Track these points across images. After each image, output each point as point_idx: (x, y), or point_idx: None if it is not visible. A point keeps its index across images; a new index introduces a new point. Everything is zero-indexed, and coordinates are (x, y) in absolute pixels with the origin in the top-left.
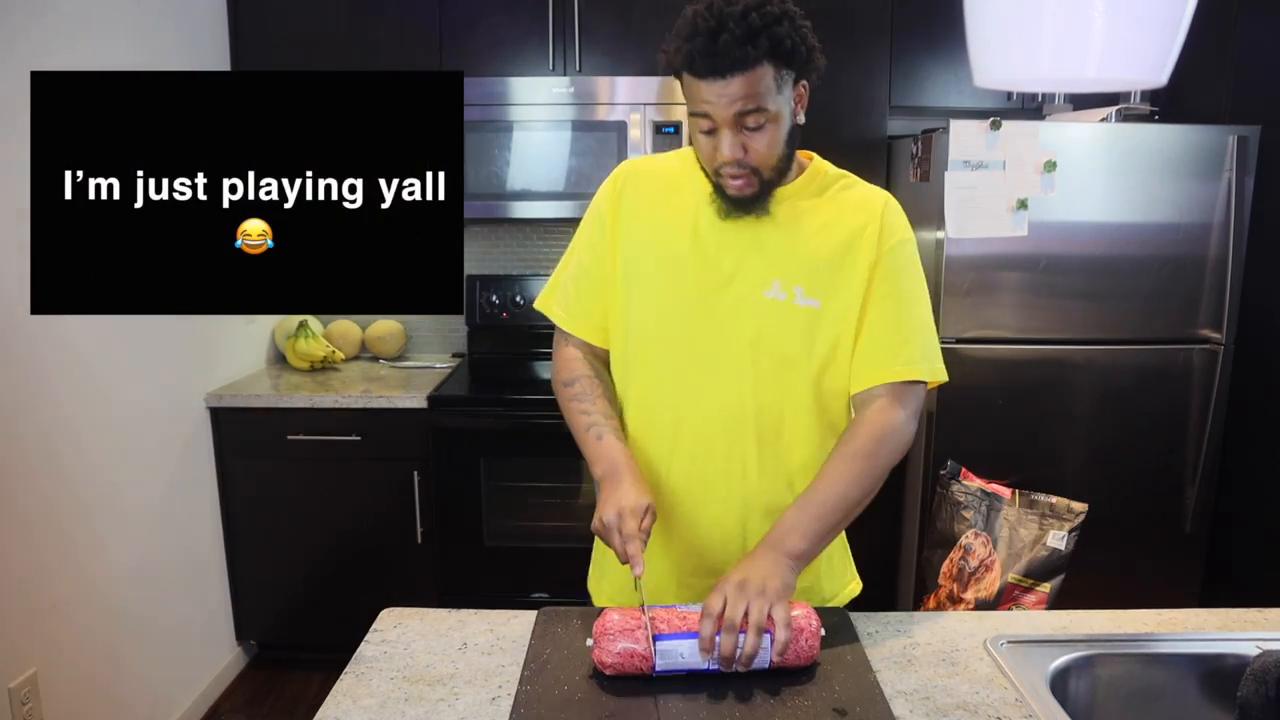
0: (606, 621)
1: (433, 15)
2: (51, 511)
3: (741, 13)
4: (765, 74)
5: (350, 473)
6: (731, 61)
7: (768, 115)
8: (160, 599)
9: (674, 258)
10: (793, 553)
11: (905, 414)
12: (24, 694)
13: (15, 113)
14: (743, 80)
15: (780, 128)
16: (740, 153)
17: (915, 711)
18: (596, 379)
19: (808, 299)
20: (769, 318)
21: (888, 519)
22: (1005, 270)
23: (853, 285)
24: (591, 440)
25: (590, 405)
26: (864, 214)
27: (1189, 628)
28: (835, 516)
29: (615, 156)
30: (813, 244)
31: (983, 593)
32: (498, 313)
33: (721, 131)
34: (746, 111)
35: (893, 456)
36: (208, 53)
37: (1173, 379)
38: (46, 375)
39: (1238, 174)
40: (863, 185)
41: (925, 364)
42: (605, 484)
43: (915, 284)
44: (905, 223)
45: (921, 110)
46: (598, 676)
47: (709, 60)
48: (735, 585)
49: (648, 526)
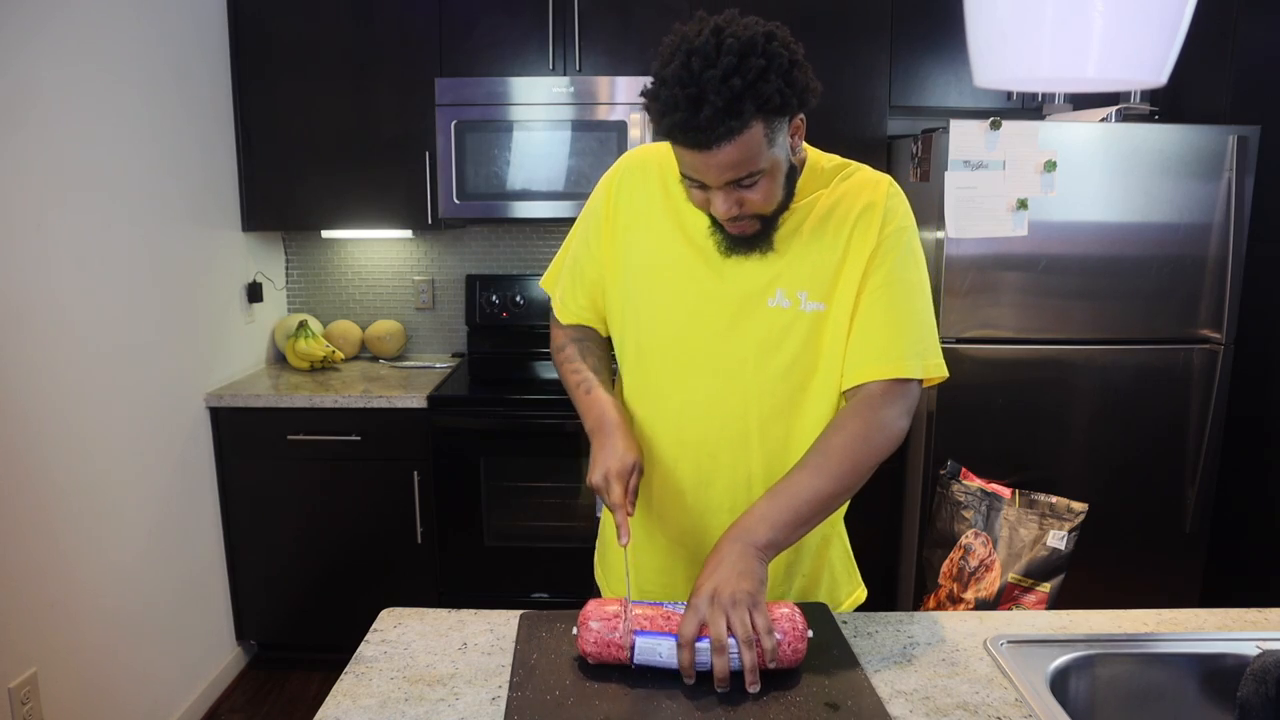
0: (589, 610)
1: (433, 15)
2: (51, 511)
3: (722, 76)
4: (755, 134)
5: (350, 473)
6: (716, 135)
7: (762, 173)
8: (160, 599)
9: (672, 264)
10: (759, 543)
11: (894, 411)
12: (24, 694)
13: (15, 113)
14: (731, 148)
15: (777, 177)
16: (736, 209)
17: (915, 711)
18: (588, 342)
19: (813, 303)
20: (773, 326)
21: (888, 519)
22: (1005, 270)
23: (854, 279)
24: (581, 394)
25: (580, 364)
26: (865, 203)
27: (1189, 628)
28: (808, 510)
29: (615, 156)
30: (815, 245)
31: (983, 593)
32: (498, 313)
33: (713, 192)
34: (739, 177)
35: (878, 454)
36: (208, 54)
37: (1173, 379)
38: (46, 375)
39: (1238, 174)
40: (862, 171)
41: (918, 360)
42: (594, 438)
43: (912, 274)
44: (905, 209)
45: (921, 110)
46: (588, 678)
47: (693, 135)
48: (707, 599)
49: (634, 486)
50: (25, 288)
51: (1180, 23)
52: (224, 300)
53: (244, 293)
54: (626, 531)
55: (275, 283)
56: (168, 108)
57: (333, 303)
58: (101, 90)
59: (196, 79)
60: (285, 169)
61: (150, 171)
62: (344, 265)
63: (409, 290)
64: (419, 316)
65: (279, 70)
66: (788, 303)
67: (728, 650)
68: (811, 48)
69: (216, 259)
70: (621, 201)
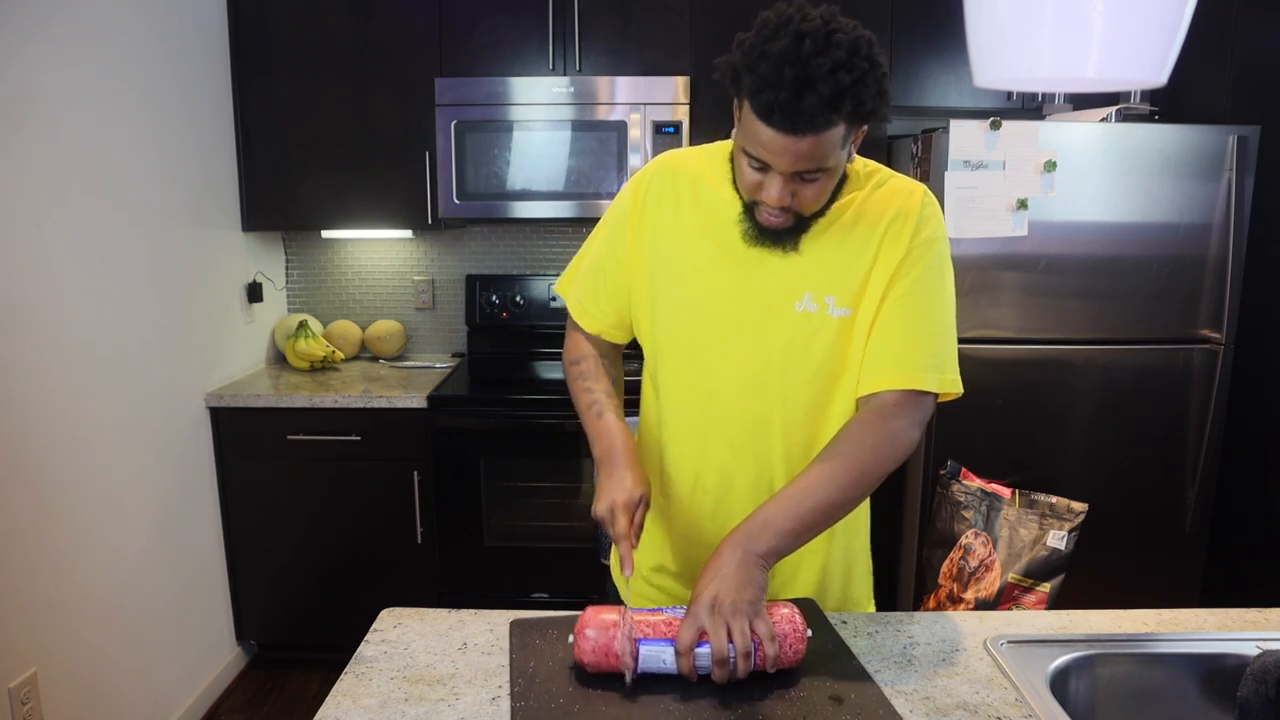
0: (586, 618)
1: (432, 15)
2: (51, 511)
3: (831, 69)
4: (838, 132)
5: (350, 473)
6: (811, 123)
7: (826, 171)
8: (160, 599)
9: (700, 269)
10: (760, 550)
11: (905, 423)
12: (24, 694)
13: (15, 113)
14: (815, 140)
15: (834, 179)
16: (788, 199)
17: (915, 711)
18: (603, 358)
19: (840, 309)
20: (800, 331)
21: (888, 519)
22: (1005, 270)
23: (881, 284)
24: (592, 418)
25: (594, 384)
26: (898, 211)
27: (1189, 628)
28: (813, 518)
29: (615, 156)
30: (846, 249)
31: (983, 593)
32: (498, 313)
33: (773, 176)
34: (809, 171)
35: (886, 465)
36: (208, 54)
37: (1173, 379)
38: (46, 375)
39: (1238, 174)
40: (896, 179)
41: (934, 374)
42: (602, 468)
43: (936, 285)
44: (939, 220)
45: (921, 110)
46: (590, 684)
47: (789, 117)
48: (707, 608)
49: (640, 519)
50: (25, 288)
51: (1180, 23)
52: (224, 300)
53: (244, 293)
54: (630, 563)
55: (275, 283)
56: (168, 108)
57: (333, 303)
58: (101, 90)
59: (196, 79)
60: (285, 169)
61: (150, 172)
62: (344, 265)
63: (409, 290)
64: (419, 316)
65: (279, 70)
66: (815, 307)
67: (728, 663)
68: None
69: (216, 259)
70: (649, 203)
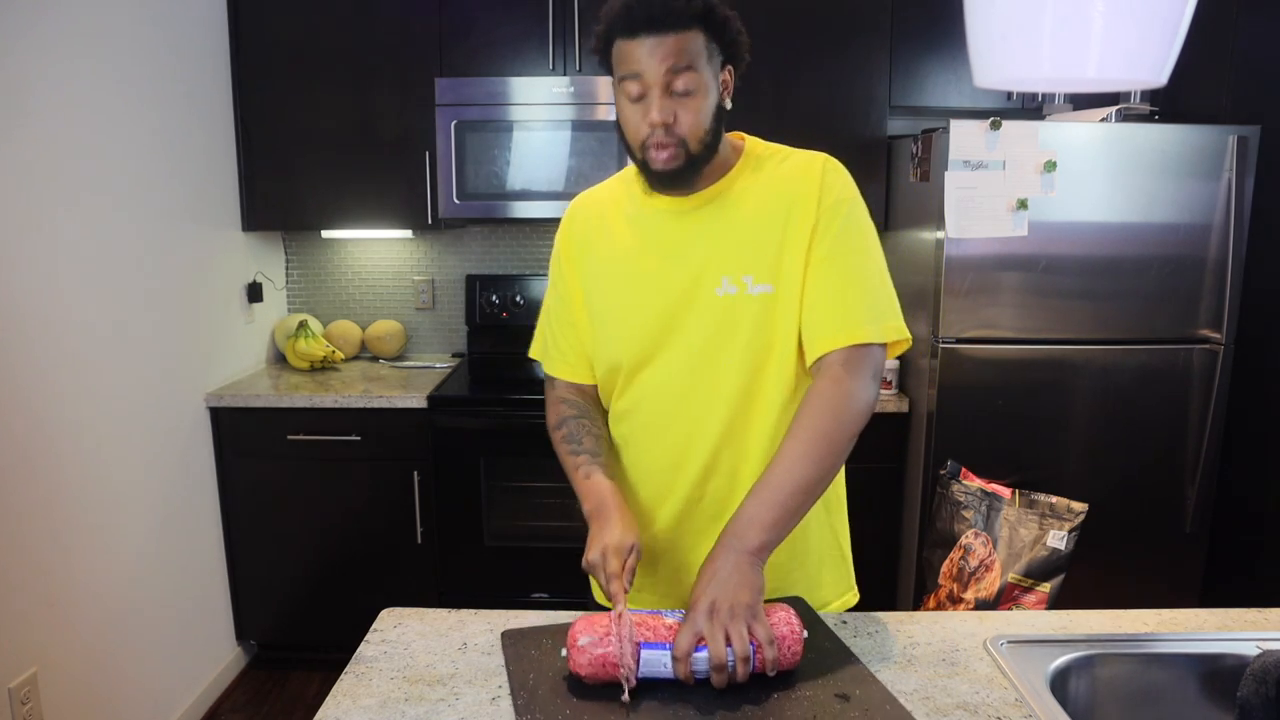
0: (578, 628)
1: (432, 15)
2: (51, 511)
3: None
4: (697, 38)
5: (350, 473)
6: (666, 15)
7: (698, 80)
8: (160, 599)
9: (625, 273)
10: (752, 548)
11: (860, 382)
12: (24, 694)
13: (15, 113)
14: (676, 39)
15: (708, 100)
16: (670, 117)
17: (915, 711)
18: (584, 419)
19: (760, 285)
20: (725, 316)
21: (888, 519)
22: (1005, 270)
23: (798, 257)
24: (580, 479)
25: (578, 445)
26: (801, 181)
27: (1189, 628)
28: (794, 502)
29: (615, 156)
30: (755, 226)
31: (983, 593)
32: (498, 313)
33: (651, 94)
34: (678, 70)
35: (851, 429)
36: (207, 54)
37: (1173, 379)
38: (46, 375)
39: (1238, 174)
40: (799, 154)
41: (874, 325)
42: (593, 521)
43: (859, 241)
44: (846, 181)
45: (921, 110)
46: (592, 691)
47: (645, 11)
48: (705, 613)
49: (632, 565)
50: (25, 288)
51: (1180, 23)
52: (224, 300)
53: (244, 293)
54: (622, 600)
55: (275, 283)
56: (168, 107)
57: (333, 303)
58: (101, 90)
59: (197, 78)
60: (285, 169)
61: (150, 171)
62: (344, 265)
63: (409, 290)
64: (419, 316)
65: (279, 70)
66: (735, 289)
67: (726, 669)
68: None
69: (216, 259)
70: (573, 241)
